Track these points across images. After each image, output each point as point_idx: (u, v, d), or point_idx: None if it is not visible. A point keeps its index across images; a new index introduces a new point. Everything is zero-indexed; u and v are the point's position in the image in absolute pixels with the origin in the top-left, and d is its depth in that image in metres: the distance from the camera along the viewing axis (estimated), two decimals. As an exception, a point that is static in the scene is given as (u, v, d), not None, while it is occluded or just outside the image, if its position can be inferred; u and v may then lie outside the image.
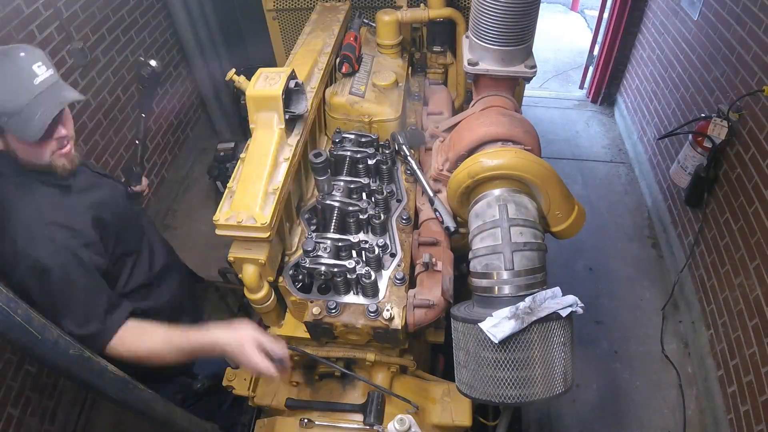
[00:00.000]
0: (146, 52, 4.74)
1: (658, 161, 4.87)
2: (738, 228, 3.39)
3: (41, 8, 3.50)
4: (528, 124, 2.01)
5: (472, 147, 1.96)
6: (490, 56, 2.11)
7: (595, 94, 6.36)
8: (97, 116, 4.14)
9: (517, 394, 1.51)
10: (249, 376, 2.14)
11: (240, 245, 1.73)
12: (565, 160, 5.61)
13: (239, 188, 1.76)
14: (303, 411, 1.99)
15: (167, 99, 5.13)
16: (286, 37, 3.47)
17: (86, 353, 1.43)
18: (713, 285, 3.68)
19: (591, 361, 3.87)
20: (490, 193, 1.78)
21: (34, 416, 3.42)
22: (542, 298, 1.53)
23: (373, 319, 1.77)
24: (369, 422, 1.85)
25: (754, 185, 3.23)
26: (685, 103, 4.35)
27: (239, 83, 2.28)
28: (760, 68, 3.25)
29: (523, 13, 1.96)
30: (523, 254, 1.62)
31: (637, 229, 4.87)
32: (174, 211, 5.21)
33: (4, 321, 1.18)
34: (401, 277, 1.88)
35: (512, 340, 1.48)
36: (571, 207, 1.85)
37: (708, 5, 3.99)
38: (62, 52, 3.72)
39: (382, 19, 2.69)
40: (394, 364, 2.05)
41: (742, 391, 3.15)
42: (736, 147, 3.46)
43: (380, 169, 2.24)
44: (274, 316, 1.97)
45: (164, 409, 1.76)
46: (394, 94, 2.48)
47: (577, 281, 4.39)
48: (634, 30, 5.53)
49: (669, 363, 3.85)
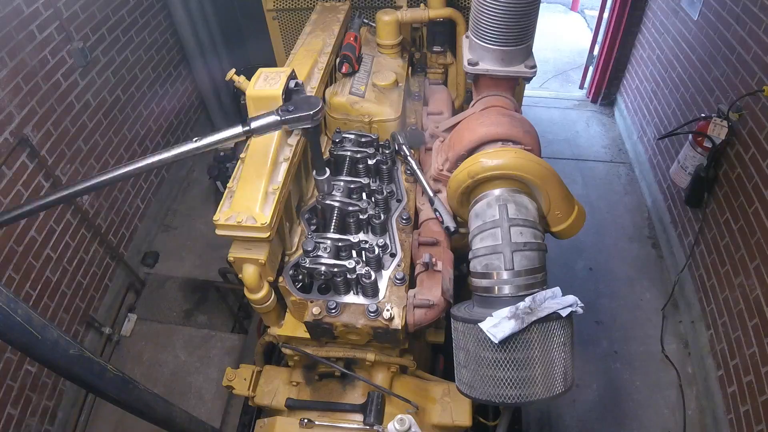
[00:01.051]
0: (146, 52, 4.75)
1: (658, 161, 4.87)
2: (738, 228, 3.39)
3: (41, 8, 3.50)
4: (528, 124, 2.01)
5: (472, 147, 1.96)
6: (490, 56, 2.11)
7: (595, 94, 6.36)
8: (97, 116, 4.14)
9: (517, 394, 1.50)
10: (249, 375, 2.14)
11: (240, 245, 1.73)
12: (565, 160, 5.61)
13: (239, 188, 1.76)
14: (303, 411, 1.99)
15: (167, 99, 5.14)
16: (286, 37, 3.47)
17: (86, 353, 1.42)
18: (713, 285, 3.68)
19: (591, 361, 3.87)
20: (490, 193, 1.78)
21: (34, 416, 3.42)
22: (542, 298, 1.53)
23: (373, 319, 1.77)
24: (369, 422, 1.85)
25: (754, 185, 3.23)
26: (685, 103, 4.35)
27: (239, 83, 2.28)
28: (760, 68, 3.25)
29: (523, 13, 1.96)
30: (523, 254, 1.62)
31: (637, 229, 4.87)
32: (174, 211, 5.21)
33: (4, 321, 1.18)
34: (401, 277, 1.88)
35: (512, 340, 1.48)
36: (571, 207, 1.85)
37: (708, 5, 3.99)
38: (62, 52, 3.73)
39: (382, 19, 2.69)
40: (394, 364, 2.05)
41: (742, 391, 3.14)
42: (736, 147, 3.46)
43: (380, 169, 2.24)
44: (274, 316, 1.97)
45: (164, 409, 1.76)
46: (394, 94, 2.48)
47: (577, 281, 4.39)
48: (634, 30, 5.53)
49: (669, 363, 3.85)
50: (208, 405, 3.79)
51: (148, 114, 4.85)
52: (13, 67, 3.29)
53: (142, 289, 4.53)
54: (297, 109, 1.63)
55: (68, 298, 3.81)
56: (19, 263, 3.36)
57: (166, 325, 4.27)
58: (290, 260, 1.97)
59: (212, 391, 3.85)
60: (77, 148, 3.94)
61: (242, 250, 1.73)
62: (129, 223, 4.62)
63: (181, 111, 5.45)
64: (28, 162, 3.45)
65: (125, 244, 4.57)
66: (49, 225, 3.64)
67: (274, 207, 1.70)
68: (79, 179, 3.19)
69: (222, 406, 3.77)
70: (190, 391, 3.88)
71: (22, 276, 3.38)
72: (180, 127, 5.47)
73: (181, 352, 4.10)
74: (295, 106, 1.64)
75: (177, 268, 4.67)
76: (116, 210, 4.43)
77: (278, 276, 1.91)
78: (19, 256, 3.36)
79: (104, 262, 4.24)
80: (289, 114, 1.61)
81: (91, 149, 4.10)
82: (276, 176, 1.80)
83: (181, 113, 5.47)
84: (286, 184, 1.81)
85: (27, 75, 3.42)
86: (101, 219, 4.21)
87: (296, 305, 1.91)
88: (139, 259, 4.71)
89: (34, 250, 3.50)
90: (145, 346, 4.15)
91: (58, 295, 3.72)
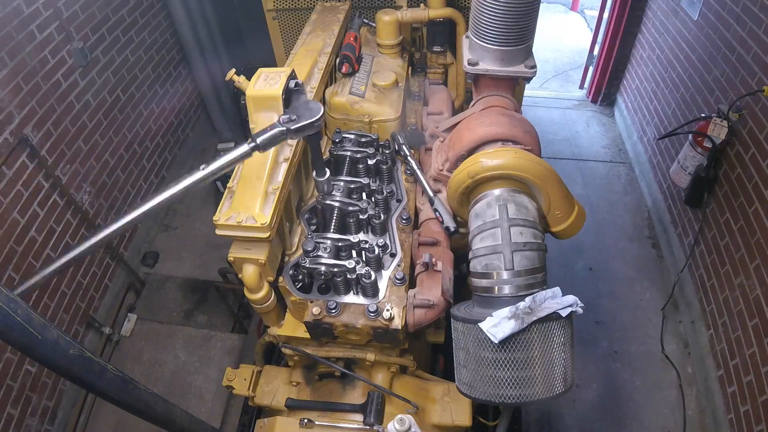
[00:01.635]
0: (146, 52, 4.75)
1: (658, 161, 4.87)
2: (738, 228, 3.39)
3: (41, 8, 3.50)
4: (528, 124, 2.01)
5: (472, 147, 1.96)
6: (490, 56, 2.11)
7: (595, 94, 6.36)
8: (97, 116, 4.14)
9: (517, 394, 1.50)
10: (249, 375, 2.14)
11: (240, 245, 1.73)
12: (565, 160, 5.61)
13: (239, 188, 1.76)
14: (303, 411, 1.99)
15: (167, 99, 5.14)
16: (286, 37, 3.47)
17: (86, 353, 1.42)
18: (713, 285, 3.68)
19: (591, 361, 3.87)
20: (490, 193, 1.78)
21: (34, 416, 3.42)
22: (542, 298, 1.53)
23: (373, 319, 1.77)
24: (369, 422, 1.85)
25: (754, 185, 3.23)
26: (685, 103, 4.35)
27: (239, 83, 2.28)
28: (760, 68, 3.25)
29: (523, 14, 1.96)
30: (523, 254, 1.62)
31: (637, 229, 4.87)
32: (174, 211, 5.21)
33: (4, 321, 1.18)
34: (401, 277, 1.88)
35: (512, 340, 1.48)
36: (571, 207, 1.85)
37: (708, 5, 3.99)
38: (62, 52, 3.73)
39: (382, 19, 2.69)
40: (394, 364, 2.05)
41: (742, 391, 3.14)
42: (736, 147, 3.46)
43: (380, 169, 2.24)
44: (274, 316, 1.97)
45: (164, 409, 1.76)
46: (394, 94, 2.47)
47: (577, 281, 4.39)
48: (634, 30, 5.53)
49: (669, 363, 3.85)
50: (208, 405, 3.79)
51: (148, 114, 4.85)
52: (13, 67, 3.29)
53: (142, 289, 4.53)
54: (300, 117, 1.63)
55: (68, 298, 3.81)
56: (19, 263, 3.36)
57: (166, 325, 4.27)
58: (290, 260, 1.97)
59: (212, 391, 3.85)
60: (77, 148, 3.94)
61: (242, 250, 1.73)
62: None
63: (181, 111, 5.45)
64: (28, 162, 3.45)
65: (125, 244, 4.57)
66: (49, 225, 3.64)
67: (274, 207, 1.70)
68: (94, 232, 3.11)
69: (222, 406, 3.77)
70: (190, 391, 3.88)
71: (22, 276, 3.38)
72: (180, 127, 5.47)
73: (181, 352, 4.10)
74: (297, 114, 1.64)
75: (177, 268, 4.67)
76: (116, 210, 4.43)
77: (278, 276, 1.91)
78: (19, 256, 3.36)
79: (104, 262, 4.24)
80: (292, 123, 1.61)
81: (91, 149, 4.10)
82: (276, 176, 1.80)
83: (181, 113, 5.47)
84: (286, 184, 1.81)
85: (27, 75, 3.42)
86: (101, 219, 4.21)
87: (296, 305, 1.91)
88: (139, 259, 4.71)
89: (34, 250, 3.50)
90: (145, 346, 4.15)
91: (58, 295, 3.72)
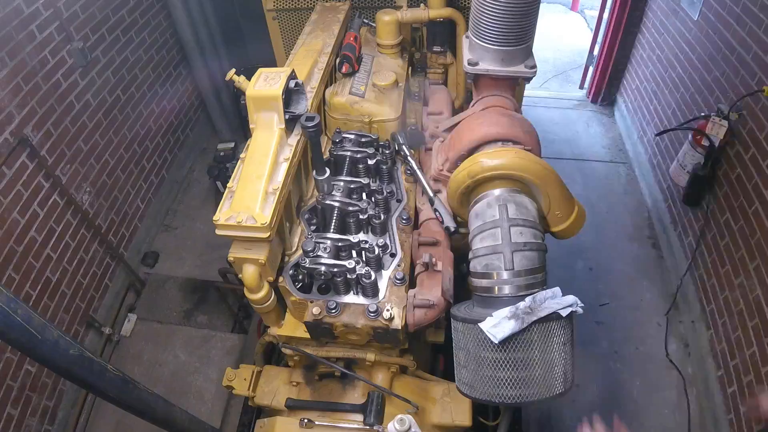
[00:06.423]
0: (146, 52, 4.75)
1: (658, 161, 4.87)
2: (738, 228, 3.39)
3: (41, 8, 3.50)
4: (528, 124, 2.01)
5: (472, 147, 1.96)
6: (490, 56, 2.11)
7: (595, 94, 6.36)
8: (97, 116, 4.14)
9: (517, 394, 1.50)
10: (249, 376, 2.14)
11: (240, 245, 1.73)
12: (565, 160, 5.61)
13: (239, 188, 1.76)
14: (303, 411, 1.99)
15: (167, 99, 5.14)
16: (286, 37, 3.47)
17: (86, 353, 1.42)
18: (713, 285, 3.68)
19: (591, 362, 3.87)
20: (490, 193, 1.77)
21: (34, 416, 3.42)
22: (542, 298, 1.53)
23: (373, 319, 1.77)
24: (369, 422, 1.85)
25: (754, 185, 3.23)
26: (685, 103, 4.35)
27: (239, 83, 2.27)
28: (760, 68, 3.25)
29: (523, 14, 1.96)
30: (523, 254, 1.62)
31: (637, 229, 4.87)
32: (174, 211, 5.21)
33: (4, 321, 1.18)
34: (401, 277, 1.88)
35: (512, 340, 1.48)
36: (571, 207, 1.85)
37: (708, 5, 3.99)
38: (62, 52, 3.73)
39: (382, 19, 2.69)
40: (394, 364, 2.05)
41: (742, 391, 3.14)
42: (736, 147, 3.46)
43: (380, 169, 2.24)
44: (274, 316, 1.97)
45: (164, 409, 1.76)
46: (394, 94, 2.47)
47: (577, 281, 4.38)
48: (634, 30, 5.53)
49: (669, 363, 3.85)
50: (208, 405, 3.79)
51: (148, 114, 4.85)
52: (13, 67, 3.29)
53: (142, 289, 4.52)
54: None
55: (68, 298, 3.81)
56: (19, 263, 3.36)
57: (166, 325, 4.27)
58: (290, 260, 1.97)
59: (212, 391, 3.85)
60: (77, 148, 3.94)
61: (242, 250, 1.73)
62: (129, 223, 4.62)
63: (181, 111, 5.45)
64: (28, 162, 3.45)
65: (125, 244, 4.57)
66: (49, 225, 3.64)
67: (274, 207, 1.69)
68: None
69: (222, 406, 3.77)
70: (190, 391, 3.88)
71: (22, 276, 3.38)
72: (180, 127, 5.47)
73: (181, 352, 4.10)
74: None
75: (177, 268, 4.67)
76: (116, 210, 4.43)
77: (278, 276, 1.91)
78: (19, 256, 3.36)
79: (104, 262, 4.24)
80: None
81: (91, 149, 4.10)
82: (276, 176, 1.80)
83: (181, 113, 5.47)
84: (286, 184, 1.81)
85: (27, 75, 3.42)
86: (101, 219, 4.21)
87: (296, 305, 1.91)
88: (139, 259, 4.71)
89: (34, 250, 3.50)
90: (145, 346, 4.15)
91: (58, 295, 3.72)
